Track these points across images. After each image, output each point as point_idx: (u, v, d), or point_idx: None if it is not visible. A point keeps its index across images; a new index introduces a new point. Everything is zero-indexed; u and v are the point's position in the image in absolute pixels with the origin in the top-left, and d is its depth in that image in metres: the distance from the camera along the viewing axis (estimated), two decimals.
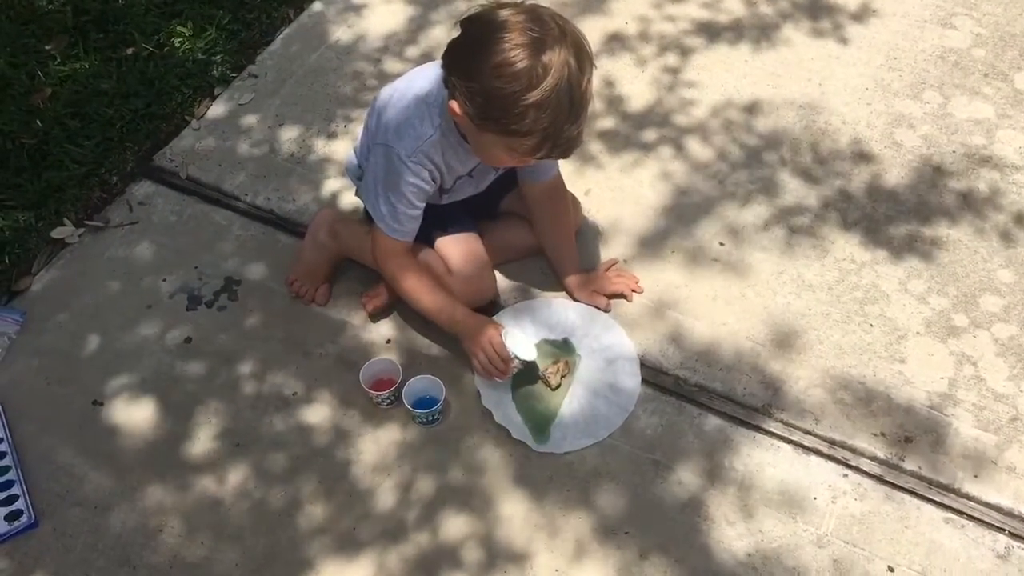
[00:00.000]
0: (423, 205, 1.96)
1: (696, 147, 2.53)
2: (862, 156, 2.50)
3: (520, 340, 2.02)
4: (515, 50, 1.60)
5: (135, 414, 2.09)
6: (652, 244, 2.34)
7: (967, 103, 2.61)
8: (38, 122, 2.62)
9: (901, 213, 2.38)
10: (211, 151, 2.59)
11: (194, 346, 2.19)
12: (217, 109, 2.69)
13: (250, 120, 2.66)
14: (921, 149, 2.51)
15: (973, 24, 2.82)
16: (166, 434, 2.06)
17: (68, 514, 1.95)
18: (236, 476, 1.99)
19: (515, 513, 1.92)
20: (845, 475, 1.96)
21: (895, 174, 2.46)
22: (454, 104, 1.73)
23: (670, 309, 2.21)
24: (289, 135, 2.61)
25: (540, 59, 1.60)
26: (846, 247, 2.32)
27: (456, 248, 2.11)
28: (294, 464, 2.00)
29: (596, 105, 2.64)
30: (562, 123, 1.65)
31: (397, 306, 2.22)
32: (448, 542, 1.89)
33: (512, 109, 1.63)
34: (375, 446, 2.02)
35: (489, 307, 2.19)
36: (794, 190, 2.43)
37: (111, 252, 2.37)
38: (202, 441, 2.04)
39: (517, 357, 2.00)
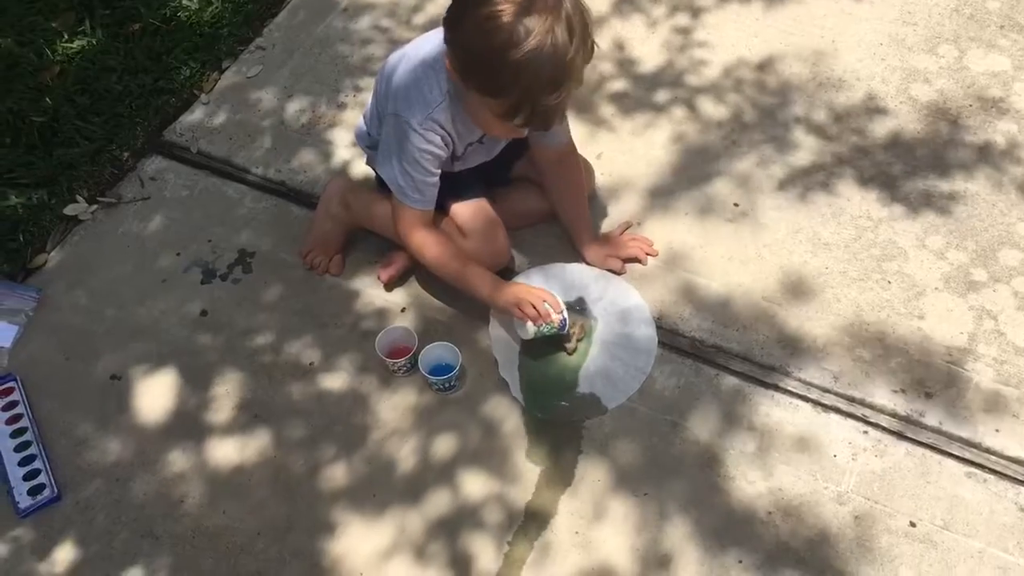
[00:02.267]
0: (439, 171, 1.96)
1: (709, 107, 2.51)
2: (877, 111, 2.47)
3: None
4: (503, 5, 1.60)
5: (153, 388, 2.10)
6: (665, 205, 2.32)
7: (983, 56, 2.57)
8: (47, 99, 2.62)
9: (918, 168, 2.35)
10: (221, 125, 2.58)
11: (210, 319, 2.20)
12: (225, 82, 2.69)
13: (259, 92, 2.65)
14: (937, 103, 2.48)
15: None
16: (185, 406, 2.07)
17: (90, 487, 1.96)
18: (256, 445, 2.00)
19: (533, 474, 1.93)
20: (865, 432, 1.95)
21: (911, 129, 2.43)
22: (447, 60, 1.75)
23: (685, 270, 2.20)
24: (298, 106, 2.60)
25: (525, 20, 1.60)
26: (862, 204, 2.29)
27: (467, 211, 2.09)
28: (313, 433, 2.01)
29: (607, 67, 2.62)
30: (540, 90, 1.65)
31: (412, 273, 2.22)
32: (468, 503, 1.90)
33: (490, 64, 1.64)
34: (392, 412, 2.03)
35: (504, 273, 2.18)
36: (809, 148, 2.41)
37: (124, 228, 2.38)
38: (221, 412, 2.05)
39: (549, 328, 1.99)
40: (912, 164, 2.36)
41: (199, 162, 2.50)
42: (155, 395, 2.09)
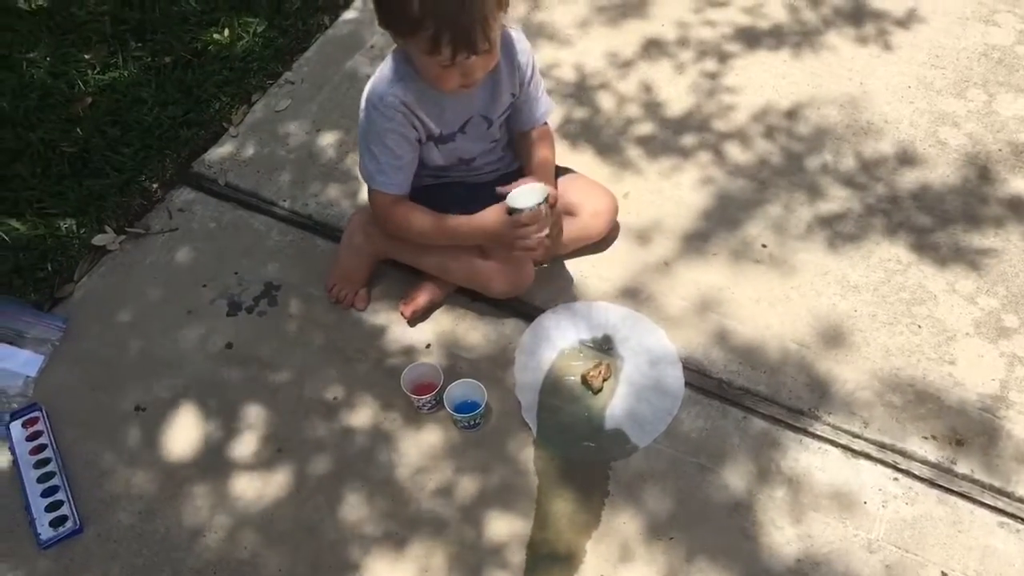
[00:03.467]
0: (408, 156, 2.01)
1: (736, 152, 2.51)
2: (906, 157, 2.46)
3: (521, 193, 1.96)
4: None
5: (177, 420, 2.09)
6: (694, 246, 2.31)
7: (1012, 100, 2.56)
8: (78, 130, 2.64)
9: (947, 214, 2.34)
10: (249, 158, 2.59)
11: (235, 352, 2.19)
12: (254, 116, 2.70)
13: (287, 126, 2.66)
14: (967, 147, 2.47)
15: (1016, 20, 2.77)
16: (208, 440, 2.05)
17: (112, 519, 1.95)
18: (279, 481, 1.98)
19: (559, 516, 1.90)
20: (896, 479, 1.92)
21: (940, 174, 2.42)
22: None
23: (713, 311, 2.19)
24: (326, 140, 2.61)
25: None
26: (891, 248, 2.28)
27: None
28: (337, 468, 1.99)
29: (634, 110, 2.62)
30: (449, 9, 1.70)
31: (436, 308, 2.22)
32: (492, 544, 1.87)
33: (396, 1, 1.73)
34: (417, 449, 2.01)
35: (527, 311, 2.18)
36: (837, 194, 2.40)
37: (152, 259, 2.38)
38: (244, 446, 2.04)
39: (519, 209, 1.93)
40: (942, 210, 2.35)
41: (227, 194, 2.51)
42: (179, 428, 2.08)
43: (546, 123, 2.19)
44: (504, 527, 1.89)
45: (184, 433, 2.07)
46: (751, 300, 2.21)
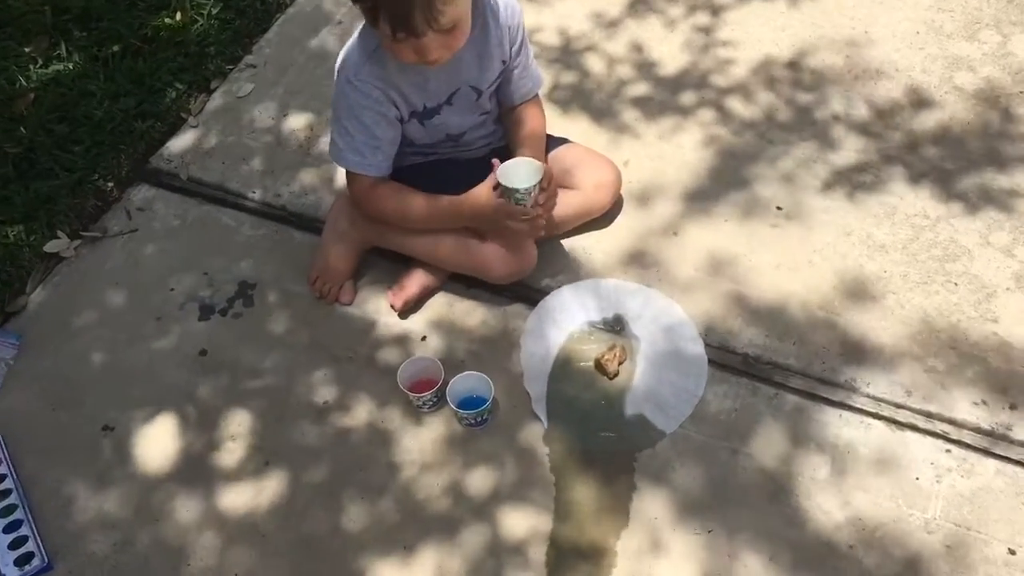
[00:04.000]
0: (387, 135, 1.86)
1: (739, 107, 2.34)
2: (921, 103, 2.31)
3: (514, 170, 1.82)
4: None
5: (150, 438, 1.89)
6: (703, 212, 2.14)
7: None
8: (22, 129, 2.42)
9: (972, 161, 2.18)
10: (212, 148, 2.39)
11: (210, 359, 1.99)
12: (215, 103, 2.50)
13: (252, 112, 2.47)
14: (985, 91, 2.32)
15: None
16: (187, 456, 1.86)
17: (84, 552, 1.74)
18: (270, 494, 1.79)
19: (583, 508, 1.74)
20: (948, 450, 1.76)
21: (960, 120, 2.27)
22: None
23: (730, 281, 2.02)
24: (295, 124, 2.42)
25: None
26: (916, 202, 2.12)
27: None
28: (333, 477, 1.81)
29: (625, 71, 2.45)
30: None
31: (429, 297, 2.04)
32: (510, 542, 1.71)
33: None
34: (420, 449, 1.83)
35: (531, 294, 2.00)
36: (852, 146, 2.24)
37: (111, 264, 2.18)
38: (227, 461, 1.84)
39: (513, 190, 1.79)
40: (966, 157, 2.19)
41: (190, 189, 2.31)
42: (153, 446, 1.87)
43: (536, 95, 2.03)
44: (523, 524, 1.73)
45: (159, 451, 1.87)
46: (770, 266, 2.04)
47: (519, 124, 2.00)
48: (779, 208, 2.13)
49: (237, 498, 1.79)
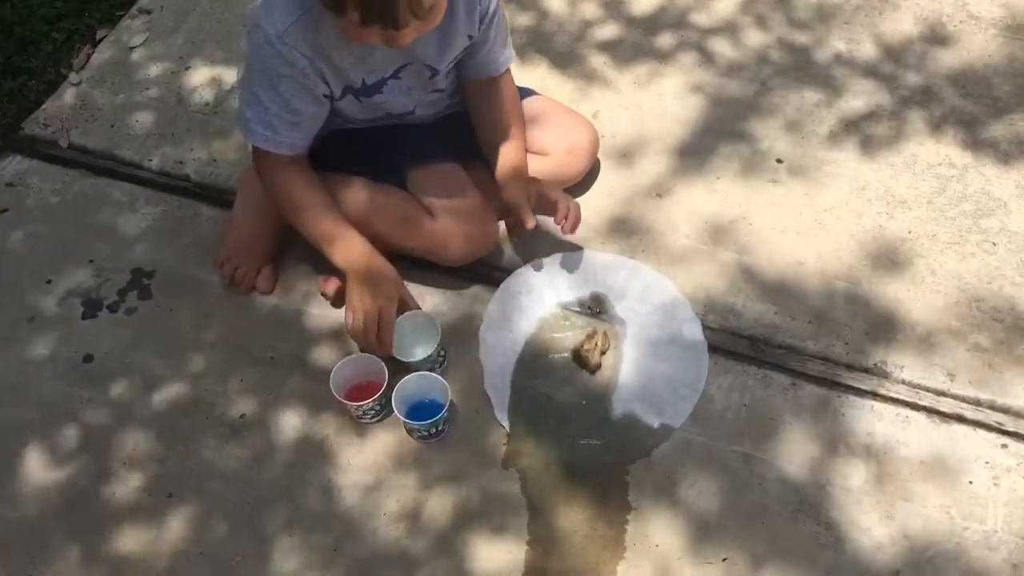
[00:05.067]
0: (308, 110, 1.56)
1: (726, 49, 2.07)
2: (935, 37, 2.06)
3: (408, 335, 1.60)
4: None
5: (22, 471, 1.55)
6: (690, 169, 1.86)
7: None
8: None
9: (999, 100, 1.94)
10: (99, 109, 2.06)
11: (97, 366, 1.67)
12: (102, 56, 2.17)
13: (146, 67, 2.13)
14: (1006, 20, 2.08)
15: None
16: (68, 490, 1.54)
17: None
18: (175, 534, 1.49)
19: (566, 534, 1.45)
20: (1004, 445, 1.51)
21: (979, 54, 2.01)
22: None
23: (729, 250, 1.74)
24: (199, 79, 2.08)
25: None
26: (938, 149, 1.86)
27: (435, 181, 1.67)
28: (253, 510, 1.50)
29: (590, 9, 2.16)
30: None
31: None
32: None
33: None
34: (363, 468, 1.54)
35: (494, 271, 1.68)
36: (859, 89, 1.98)
37: None
38: (120, 496, 1.52)
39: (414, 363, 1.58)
40: (991, 96, 1.94)
41: (72, 159, 1.98)
42: (25, 482, 1.54)
43: (508, 69, 1.73)
44: (493, 556, 1.45)
45: (32, 490, 1.53)
46: (774, 231, 1.77)
47: (488, 105, 1.70)
48: (779, 161, 1.86)
49: (133, 542, 1.48)
